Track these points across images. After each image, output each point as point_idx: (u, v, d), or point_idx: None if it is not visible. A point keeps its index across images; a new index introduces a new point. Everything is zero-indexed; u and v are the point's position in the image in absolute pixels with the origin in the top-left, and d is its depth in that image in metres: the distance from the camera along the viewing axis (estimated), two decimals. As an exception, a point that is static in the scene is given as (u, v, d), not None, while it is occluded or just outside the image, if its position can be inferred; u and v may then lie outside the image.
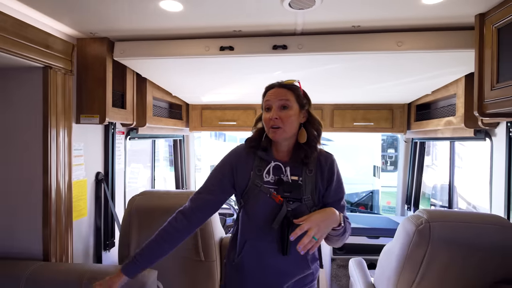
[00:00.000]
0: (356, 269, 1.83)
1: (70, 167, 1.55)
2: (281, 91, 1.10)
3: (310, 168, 1.11)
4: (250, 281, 1.13)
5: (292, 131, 1.09)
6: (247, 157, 1.15)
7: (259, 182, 1.10)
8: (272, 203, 1.07)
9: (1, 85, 1.44)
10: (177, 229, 1.14)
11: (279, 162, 1.12)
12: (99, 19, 1.41)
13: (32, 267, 1.28)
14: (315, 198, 1.10)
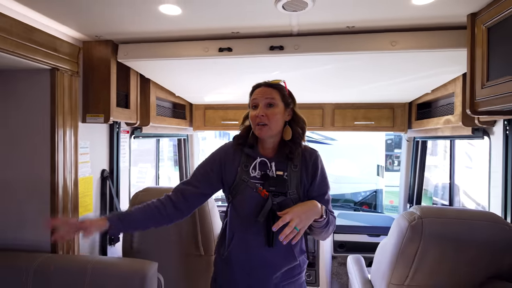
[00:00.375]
0: (354, 266, 1.86)
1: (76, 165, 1.62)
2: (268, 90, 1.15)
3: (295, 163, 1.16)
4: (239, 273, 1.17)
5: (278, 128, 1.15)
6: (234, 154, 1.21)
7: (246, 177, 1.16)
8: (258, 198, 1.12)
9: (11, 86, 1.52)
10: (164, 215, 1.17)
11: (264, 158, 1.18)
12: (104, 23, 1.48)
13: (40, 259, 1.36)
14: (300, 192, 1.15)
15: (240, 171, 1.18)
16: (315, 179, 1.17)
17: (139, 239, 1.66)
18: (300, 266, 1.22)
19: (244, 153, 1.20)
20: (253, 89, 1.20)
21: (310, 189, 1.18)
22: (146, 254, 1.60)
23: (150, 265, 1.31)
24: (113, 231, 1.13)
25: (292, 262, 1.18)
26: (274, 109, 1.12)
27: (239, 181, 1.17)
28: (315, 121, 2.72)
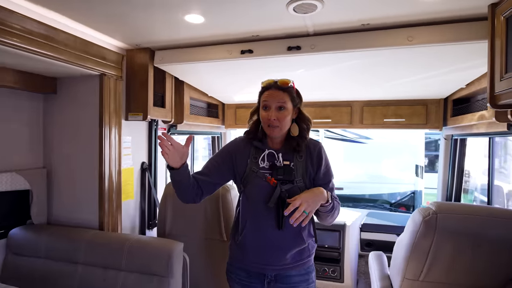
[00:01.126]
0: (374, 262, 1.86)
1: (120, 157, 1.88)
2: (279, 94, 1.22)
3: (301, 154, 1.26)
4: (252, 255, 1.27)
5: (287, 128, 1.25)
6: (244, 147, 1.32)
7: (255, 168, 1.26)
8: (267, 186, 1.22)
9: (71, 90, 1.83)
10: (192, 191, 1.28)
11: (272, 150, 1.28)
12: (143, 33, 1.70)
13: (90, 234, 1.62)
14: (306, 180, 1.24)
15: (250, 162, 1.28)
16: (320, 168, 1.26)
17: (171, 225, 1.86)
18: (309, 249, 1.30)
19: (253, 146, 1.30)
20: (263, 89, 1.27)
21: (315, 178, 1.26)
22: (176, 237, 1.78)
23: (177, 245, 1.50)
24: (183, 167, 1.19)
25: (301, 245, 1.26)
26: (284, 112, 1.21)
27: (249, 172, 1.27)
28: (343, 118, 2.73)
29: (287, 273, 1.26)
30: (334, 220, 1.28)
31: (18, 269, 1.63)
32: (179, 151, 1.15)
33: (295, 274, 1.27)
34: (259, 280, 1.28)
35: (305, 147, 1.27)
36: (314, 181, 1.26)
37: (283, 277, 1.26)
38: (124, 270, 1.48)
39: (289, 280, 1.27)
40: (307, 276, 1.30)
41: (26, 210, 1.78)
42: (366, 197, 4.13)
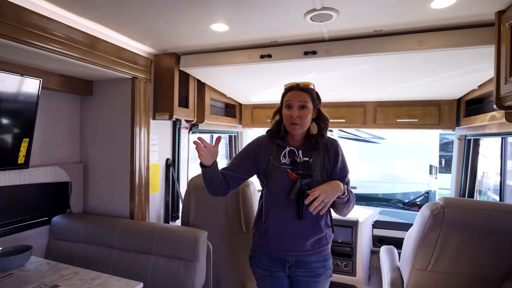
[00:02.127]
0: (385, 255, 1.96)
1: (148, 153, 2.05)
2: (301, 94, 1.34)
3: (319, 151, 1.38)
4: (274, 243, 1.40)
5: (307, 126, 1.37)
6: (267, 145, 1.45)
7: (277, 164, 1.39)
8: (288, 180, 1.34)
9: (107, 92, 2.01)
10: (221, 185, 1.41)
11: (293, 147, 1.40)
12: (170, 40, 1.86)
13: (123, 222, 1.80)
14: (323, 175, 1.35)
15: (272, 159, 1.40)
16: (337, 164, 1.37)
17: (194, 216, 2.02)
18: (326, 238, 1.41)
19: (275, 144, 1.42)
20: (287, 90, 1.39)
21: (332, 173, 1.37)
22: (199, 227, 1.93)
23: (201, 233, 1.65)
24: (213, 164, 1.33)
25: (319, 233, 1.37)
26: (306, 111, 1.33)
27: (271, 167, 1.39)
28: (356, 119, 2.82)
29: (307, 259, 1.38)
30: (349, 212, 1.39)
31: (60, 252, 1.82)
32: (211, 151, 1.30)
33: (314, 260, 1.39)
34: (280, 265, 1.40)
35: (323, 144, 1.38)
36: (331, 175, 1.37)
37: (303, 263, 1.38)
38: (154, 255, 1.64)
39: (309, 266, 1.38)
40: (325, 262, 1.41)
41: (66, 200, 1.98)
42: (379, 196, 4.18)
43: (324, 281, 1.42)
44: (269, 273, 1.42)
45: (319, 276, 1.39)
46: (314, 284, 1.40)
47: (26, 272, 1.29)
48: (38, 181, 1.74)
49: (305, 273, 1.39)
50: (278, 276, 1.42)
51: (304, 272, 1.39)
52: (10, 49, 1.35)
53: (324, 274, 1.40)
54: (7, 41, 1.26)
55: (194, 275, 1.56)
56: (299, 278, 1.40)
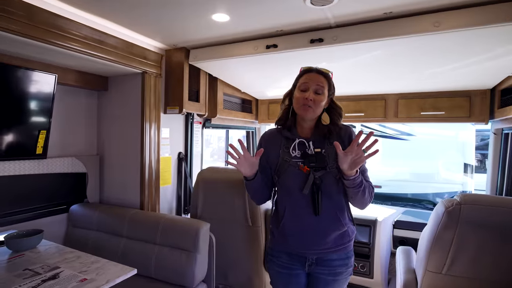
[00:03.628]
0: (400, 256, 1.82)
1: (158, 146, 2.10)
2: (320, 77, 1.26)
3: (331, 140, 1.27)
4: (293, 241, 1.30)
5: (319, 113, 1.28)
6: (275, 139, 1.37)
7: (288, 157, 1.30)
8: (301, 174, 1.25)
9: (119, 87, 2.09)
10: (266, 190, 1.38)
11: (302, 138, 1.31)
12: (177, 34, 1.88)
13: (133, 211, 1.86)
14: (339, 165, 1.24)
15: (282, 153, 1.31)
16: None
17: (202, 209, 2.03)
18: (349, 234, 1.31)
19: (283, 137, 1.34)
20: (303, 72, 1.30)
21: None
22: (206, 220, 1.94)
23: (203, 224, 1.65)
24: (256, 176, 1.29)
25: (340, 228, 1.27)
26: (321, 96, 1.24)
27: (282, 162, 1.29)
28: (376, 112, 2.66)
29: (328, 256, 1.29)
30: (366, 202, 1.27)
31: (76, 239, 1.93)
32: (249, 160, 1.25)
33: (336, 258, 1.30)
34: (300, 263, 1.32)
35: (336, 133, 1.29)
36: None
37: (324, 261, 1.29)
38: (159, 244, 1.67)
39: (330, 264, 1.29)
40: (347, 260, 1.32)
41: (84, 190, 2.09)
42: (408, 197, 3.91)
43: (343, 280, 1.33)
44: (287, 270, 1.35)
45: (339, 275, 1.31)
46: (333, 282, 1.31)
47: (35, 253, 1.37)
48: (55, 171, 1.85)
49: (325, 270, 1.30)
50: (296, 274, 1.34)
51: (324, 270, 1.30)
52: (23, 45, 1.44)
53: (344, 272, 1.32)
54: (20, 37, 1.35)
55: (195, 265, 1.57)
56: (318, 276, 1.32)
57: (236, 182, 1.89)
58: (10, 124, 1.56)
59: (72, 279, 1.14)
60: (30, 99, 1.62)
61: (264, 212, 1.91)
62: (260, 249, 1.87)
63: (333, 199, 1.27)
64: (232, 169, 2.02)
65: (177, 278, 1.60)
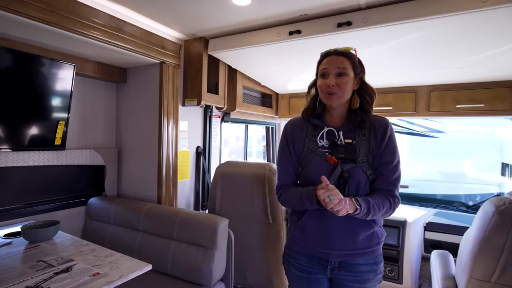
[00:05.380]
0: (437, 260, 1.66)
1: (176, 139, 2.04)
2: (339, 59, 1.12)
3: (364, 132, 1.15)
4: (315, 240, 1.17)
5: (347, 97, 1.15)
6: (301, 126, 1.24)
7: (314, 147, 1.18)
8: (327, 165, 1.13)
9: (138, 78, 2.05)
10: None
11: (332, 127, 1.19)
12: (196, 22, 1.81)
13: (149, 205, 1.80)
14: (369, 159, 1.13)
15: (308, 141, 1.20)
16: (382, 145, 1.13)
17: (220, 205, 1.94)
18: (378, 236, 1.18)
19: (311, 124, 1.22)
20: (323, 57, 1.18)
21: (378, 156, 1.14)
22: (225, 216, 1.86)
23: (222, 220, 1.56)
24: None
25: (369, 228, 1.14)
26: (345, 78, 1.11)
27: (307, 151, 1.19)
28: (407, 106, 2.49)
29: (354, 260, 1.15)
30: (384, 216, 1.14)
31: (94, 232, 1.90)
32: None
33: (363, 263, 1.15)
34: (321, 266, 1.18)
35: (370, 124, 1.15)
36: (375, 159, 1.14)
37: (349, 265, 1.15)
38: (175, 240, 1.60)
39: (356, 269, 1.15)
40: (376, 266, 1.17)
41: (103, 183, 2.07)
42: (437, 197, 3.67)
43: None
44: (306, 274, 1.21)
45: (367, 282, 1.16)
46: None
47: (51, 245, 1.34)
48: (73, 162, 1.83)
49: (350, 276, 1.16)
50: (317, 279, 1.20)
51: (349, 275, 1.16)
52: (41, 32, 1.41)
53: (373, 279, 1.17)
54: (39, 23, 1.32)
55: (212, 263, 1.48)
56: (342, 282, 1.17)
57: (256, 176, 1.79)
58: (28, 114, 1.54)
59: (84, 272, 1.09)
60: (48, 89, 1.60)
61: (286, 209, 1.80)
62: (281, 248, 1.76)
63: (358, 194, 1.13)
64: (251, 163, 1.93)
65: (194, 276, 1.53)
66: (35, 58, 1.53)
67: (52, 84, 1.60)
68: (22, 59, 1.47)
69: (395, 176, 1.13)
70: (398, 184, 1.14)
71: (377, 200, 1.09)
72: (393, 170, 1.13)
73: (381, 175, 1.14)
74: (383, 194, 1.12)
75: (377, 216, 1.11)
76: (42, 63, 1.55)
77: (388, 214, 1.12)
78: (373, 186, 1.15)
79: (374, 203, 1.08)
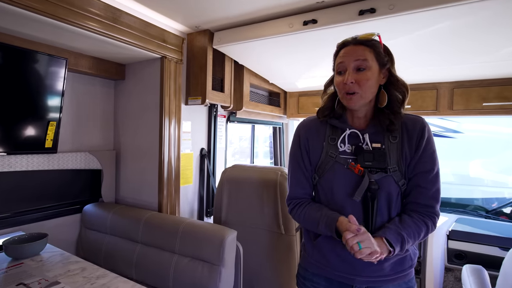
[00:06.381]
0: (471, 277, 1.48)
1: (179, 141, 1.87)
2: (358, 49, 0.94)
3: (395, 134, 0.97)
4: (335, 263, 1.01)
5: (371, 95, 0.96)
6: (318, 128, 1.07)
7: (334, 152, 1.01)
8: (351, 175, 0.96)
9: (137, 75, 1.89)
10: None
11: (355, 129, 1.01)
12: (201, 12, 1.65)
13: (149, 214, 1.64)
14: (402, 168, 0.95)
15: (326, 146, 1.02)
16: (419, 150, 0.94)
17: (226, 213, 1.78)
18: (411, 258, 1.01)
19: (329, 125, 1.04)
20: (339, 48, 1.00)
21: (413, 164, 0.95)
22: (231, 226, 1.70)
23: (230, 232, 1.39)
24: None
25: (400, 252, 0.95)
26: (366, 73, 0.92)
27: (325, 158, 1.01)
28: (427, 104, 2.31)
29: (383, 286, 0.99)
30: (422, 239, 0.98)
31: (89, 242, 1.74)
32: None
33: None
34: None
35: (401, 124, 0.98)
36: (409, 167, 0.96)
37: None
38: (178, 253, 1.44)
39: None
40: None
41: (99, 188, 1.91)
42: (452, 201, 3.49)
43: None
44: None
45: None
46: None
47: (37, 262, 1.18)
48: (67, 167, 1.67)
49: None
50: None
51: None
52: (28, 22, 1.26)
53: None
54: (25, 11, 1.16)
55: (219, 281, 1.31)
56: None
57: (266, 182, 1.62)
58: (13, 114, 1.38)
59: (71, 299, 0.93)
60: (36, 86, 1.44)
61: (299, 218, 1.63)
62: (294, 261, 1.60)
63: (392, 210, 0.96)
64: (260, 167, 1.76)
65: (198, 295, 1.36)
66: (21, 51, 1.37)
67: (41, 80, 1.45)
68: (5, 53, 1.31)
69: (436, 188, 0.96)
70: (439, 197, 0.96)
71: (411, 228, 0.93)
72: (433, 181, 0.95)
73: (418, 187, 0.95)
74: (421, 214, 0.95)
75: (413, 244, 0.95)
76: (29, 57, 1.39)
77: (426, 237, 0.96)
78: (408, 199, 0.97)
79: (408, 237, 0.91)
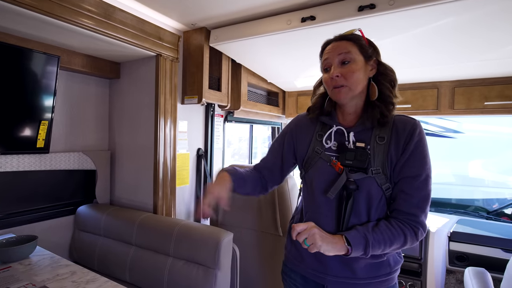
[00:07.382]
0: (473, 280, 1.44)
1: (175, 141, 1.83)
2: (340, 44, 0.94)
3: (382, 135, 0.93)
4: (308, 259, 1.01)
5: (359, 87, 0.94)
6: (308, 124, 1.08)
7: (320, 148, 1.01)
8: (332, 172, 0.96)
9: (132, 74, 1.85)
10: (259, 185, 1.14)
11: (341, 126, 0.99)
12: (197, 9, 1.61)
13: (144, 215, 1.60)
14: (386, 171, 0.91)
15: (313, 141, 1.03)
16: (406, 152, 0.89)
17: (223, 215, 1.74)
18: (390, 265, 0.97)
19: (319, 122, 1.05)
20: (323, 48, 1.01)
21: (398, 167, 0.90)
22: (228, 228, 1.66)
23: (226, 234, 1.35)
24: (234, 185, 1.04)
25: (375, 257, 0.93)
26: (351, 66, 0.91)
27: (312, 153, 1.02)
28: (427, 103, 2.27)
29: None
30: (392, 251, 0.95)
31: (83, 245, 1.70)
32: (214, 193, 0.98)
33: None
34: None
35: (391, 125, 0.93)
36: (394, 171, 0.91)
37: None
38: (172, 256, 1.40)
39: None
40: None
41: (93, 189, 1.87)
42: (452, 202, 3.45)
43: None
44: None
45: None
46: None
47: (24, 266, 1.14)
48: (60, 167, 1.63)
49: None
50: None
51: None
52: (16, 17, 1.22)
53: None
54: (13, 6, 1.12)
55: (215, 285, 1.27)
56: None
57: (264, 183, 1.58)
58: (3, 113, 1.34)
59: (58, 306, 0.89)
60: (27, 84, 1.40)
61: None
62: (292, 264, 1.56)
63: (372, 214, 0.92)
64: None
65: (193, 299, 1.32)
66: (10, 48, 1.33)
67: (32, 78, 1.41)
68: (-5, 50, 1.28)
69: (422, 195, 0.88)
70: (426, 206, 0.89)
71: (383, 235, 0.87)
72: (420, 188, 0.88)
73: (402, 193, 0.90)
74: (401, 222, 0.89)
75: (384, 252, 0.89)
76: (19, 53, 1.35)
77: (404, 247, 0.90)
78: (392, 206, 0.93)
79: (374, 241, 0.86)
